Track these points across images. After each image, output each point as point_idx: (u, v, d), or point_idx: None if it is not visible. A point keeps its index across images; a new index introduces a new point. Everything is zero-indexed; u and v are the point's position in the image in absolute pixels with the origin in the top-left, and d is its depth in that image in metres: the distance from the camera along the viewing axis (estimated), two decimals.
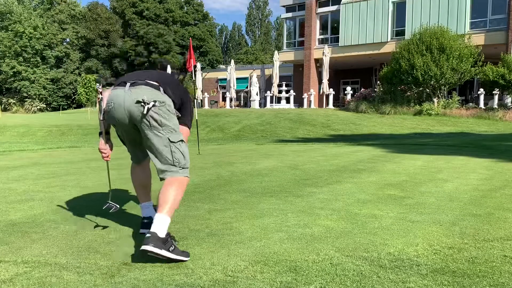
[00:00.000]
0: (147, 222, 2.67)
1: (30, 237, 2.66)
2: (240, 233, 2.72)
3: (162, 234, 2.16)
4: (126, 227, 2.91)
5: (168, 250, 2.13)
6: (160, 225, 2.20)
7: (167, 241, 2.16)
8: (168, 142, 2.43)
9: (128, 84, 2.50)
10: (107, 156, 2.68)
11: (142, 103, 2.38)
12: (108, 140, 2.67)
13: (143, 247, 2.10)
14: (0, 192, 4.21)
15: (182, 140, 2.50)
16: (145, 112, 2.37)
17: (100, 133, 2.65)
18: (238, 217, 3.13)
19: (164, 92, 2.52)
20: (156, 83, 2.53)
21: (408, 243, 2.50)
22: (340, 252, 2.34)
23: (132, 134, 2.61)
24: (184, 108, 2.71)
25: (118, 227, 2.91)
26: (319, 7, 29.92)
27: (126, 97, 2.45)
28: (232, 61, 34.29)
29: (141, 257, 2.18)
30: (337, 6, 28.67)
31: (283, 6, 31.95)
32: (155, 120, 2.41)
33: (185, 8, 52.35)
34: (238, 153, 8.68)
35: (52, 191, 4.22)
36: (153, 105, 2.39)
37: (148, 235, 2.15)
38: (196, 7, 52.81)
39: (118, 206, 2.78)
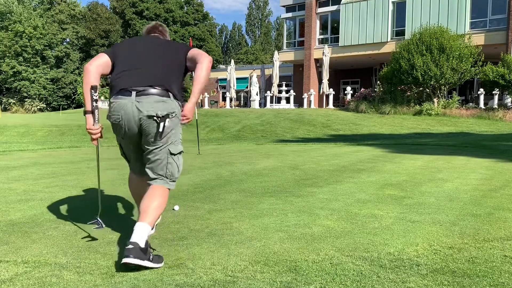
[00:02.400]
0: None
1: (30, 237, 2.66)
2: (240, 233, 2.72)
3: (142, 244, 2.11)
4: (126, 227, 2.90)
5: (149, 260, 2.10)
6: (142, 235, 2.15)
7: (147, 250, 2.12)
8: (167, 154, 2.40)
9: (134, 93, 2.34)
10: (97, 138, 2.42)
11: (156, 118, 2.31)
12: (96, 120, 2.40)
13: (125, 260, 2.04)
14: (0, 192, 4.21)
15: (181, 152, 2.47)
16: (161, 129, 2.32)
17: (86, 112, 2.38)
18: (238, 217, 3.13)
19: (174, 98, 2.42)
20: (164, 88, 2.38)
21: (408, 243, 2.50)
22: (340, 252, 2.34)
23: (139, 142, 2.49)
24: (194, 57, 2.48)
25: (118, 227, 2.90)
26: (319, 7, 29.91)
27: (135, 109, 2.33)
28: (232, 61, 34.28)
29: (123, 267, 2.10)
30: (337, 6, 28.67)
31: (283, 6, 31.94)
32: (164, 133, 2.36)
33: (185, 8, 52.34)
34: (238, 153, 8.68)
35: (52, 191, 4.22)
36: (167, 120, 2.33)
37: (130, 246, 2.08)
38: (196, 7, 52.81)
39: (104, 226, 2.58)
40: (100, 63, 2.44)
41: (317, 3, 29.81)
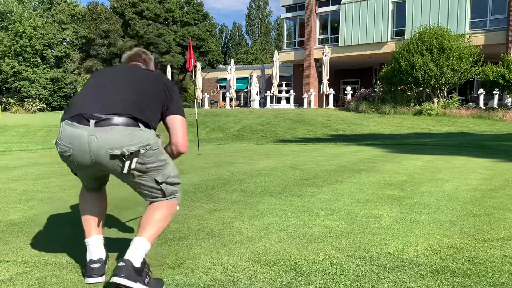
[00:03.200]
0: (98, 267, 2.02)
1: (30, 237, 2.66)
2: (240, 233, 2.72)
3: (137, 263, 1.83)
4: (126, 226, 2.90)
5: (144, 283, 1.81)
6: (138, 252, 1.87)
7: (142, 271, 1.84)
8: (155, 183, 1.99)
9: (93, 122, 1.85)
10: None
11: (121, 157, 1.85)
12: None
13: (113, 279, 1.77)
14: (0, 192, 4.21)
15: (169, 176, 2.04)
16: (125, 171, 1.87)
17: None
18: (238, 217, 3.13)
19: (145, 126, 1.93)
20: (133, 117, 1.90)
21: (408, 243, 2.50)
22: (340, 252, 2.34)
23: (96, 174, 2.06)
24: (172, 104, 2.13)
25: (117, 227, 2.90)
26: (319, 7, 29.91)
27: (92, 144, 1.83)
28: (232, 61, 34.27)
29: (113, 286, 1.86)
30: (337, 6, 28.67)
31: (283, 6, 31.94)
32: (139, 171, 1.92)
33: (185, 8, 52.36)
34: (238, 153, 8.68)
35: (52, 191, 4.22)
36: (136, 160, 1.87)
37: (121, 264, 1.81)
38: (196, 7, 52.81)
39: None
40: None
41: (317, 3, 29.81)
